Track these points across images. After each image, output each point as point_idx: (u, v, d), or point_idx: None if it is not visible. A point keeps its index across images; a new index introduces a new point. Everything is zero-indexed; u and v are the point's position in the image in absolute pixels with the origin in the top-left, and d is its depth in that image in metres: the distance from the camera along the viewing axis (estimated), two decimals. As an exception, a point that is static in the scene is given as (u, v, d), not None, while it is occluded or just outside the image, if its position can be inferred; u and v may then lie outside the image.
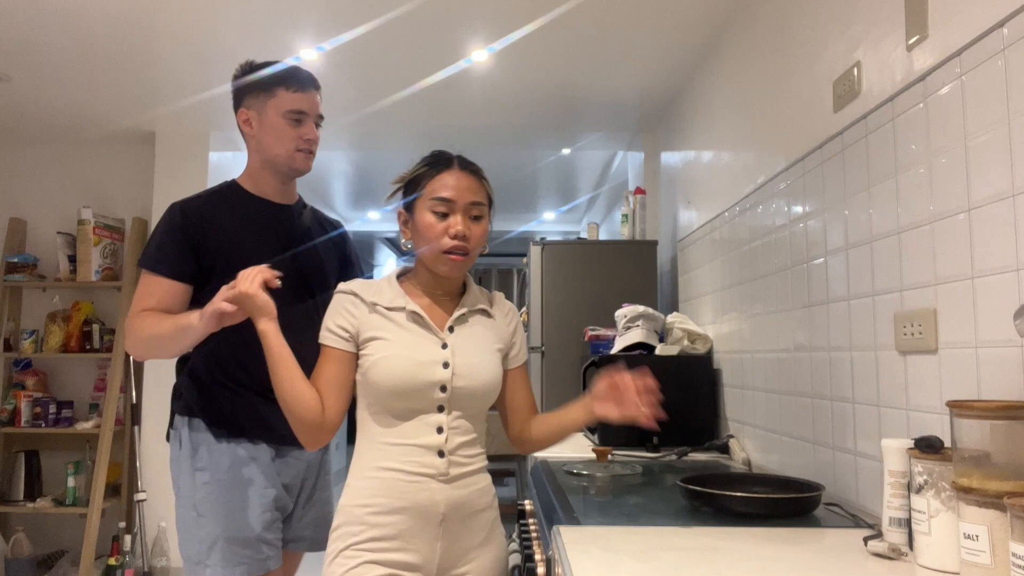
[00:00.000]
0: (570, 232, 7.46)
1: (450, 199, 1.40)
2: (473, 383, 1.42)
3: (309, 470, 1.83)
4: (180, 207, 1.75)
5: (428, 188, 1.42)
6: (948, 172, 1.34)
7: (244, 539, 1.67)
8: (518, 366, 1.55)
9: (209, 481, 1.69)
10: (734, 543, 1.30)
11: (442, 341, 1.42)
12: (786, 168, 2.06)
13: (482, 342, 1.47)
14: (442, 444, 1.39)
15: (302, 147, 1.76)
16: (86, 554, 3.58)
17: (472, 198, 1.42)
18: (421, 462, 1.38)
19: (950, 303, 1.33)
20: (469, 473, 1.42)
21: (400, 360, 1.38)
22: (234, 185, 1.82)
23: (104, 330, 4.03)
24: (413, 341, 1.41)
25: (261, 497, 1.70)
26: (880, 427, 1.56)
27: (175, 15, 2.67)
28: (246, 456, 1.71)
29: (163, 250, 1.70)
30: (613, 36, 2.84)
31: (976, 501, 1.03)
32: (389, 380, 1.37)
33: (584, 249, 3.52)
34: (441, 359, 1.40)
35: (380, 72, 3.19)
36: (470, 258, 1.44)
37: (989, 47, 1.24)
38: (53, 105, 3.62)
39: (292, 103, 1.74)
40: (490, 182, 1.51)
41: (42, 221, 4.23)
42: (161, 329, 1.61)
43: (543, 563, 1.54)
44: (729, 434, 2.53)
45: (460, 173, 1.43)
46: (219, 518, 1.67)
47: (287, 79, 1.75)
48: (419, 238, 1.44)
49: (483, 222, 1.45)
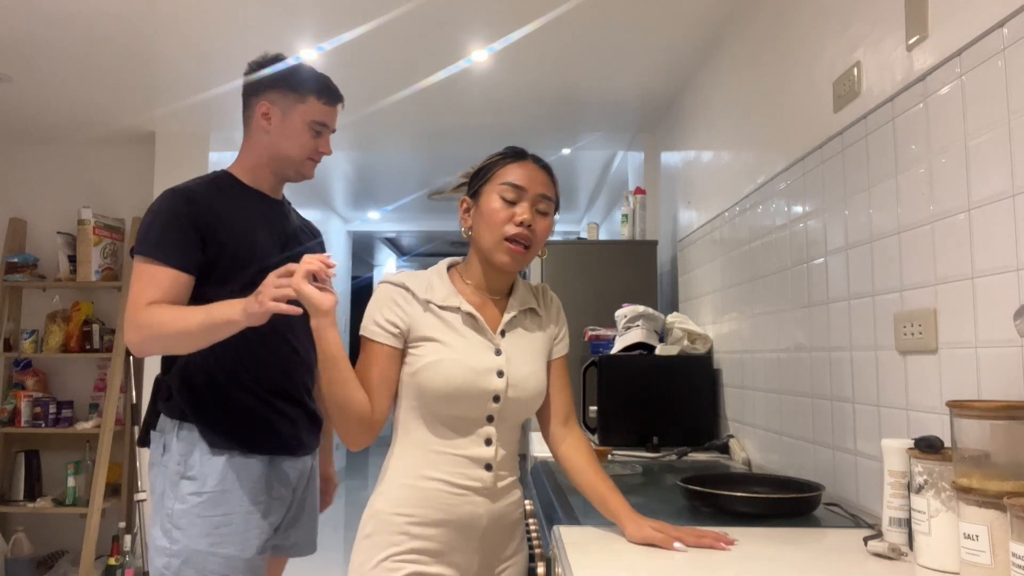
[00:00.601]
0: (570, 232, 7.47)
1: (521, 186, 1.36)
2: (525, 393, 1.37)
3: (300, 478, 1.77)
4: (184, 194, 1.62)
5: (499, 174, 1.38)
6: (948, 172, 1.34)
7: (223, 557, 1.58)
8: (558, 357, 1.48)
9: (195, 492, 1.59)
10: (736, 543, 1.30)
11: (496, 347, 1.37)
12: (786, 168, 2.06)
13: (533, 348, 1.42)
14: (491, 457, 1.35)
15: (315, 157, 1.76)
16: (86, 554, 3.58)
17: (542, 190, 1.38)
18: (468, 475, 1.33)
19: (950, 303, 1.33)
20: (510, 486, 1.40)
21: (455, 366, 1.32)
22: (230, 176, 1.74)
23: (104, 330, 4.03)
24: (468, 346, 1.35)
25: (246, 516, 1.61)
26: (880, 427, 1.56)
27: (175, 15, 2.67)
28: (236, 470, 1.62)
29: (168, 237, 1.57)
30: (613, 36, 2.84)
31: (976, 501, 1.03)
32: (443, 386, 1.31)
33: (584, 249, 3.52)
34: (496, 367, 1.35)
35: (380, 72, 3.19)
36: (530, 252, 1.38)
37: (989, 47, 1.24)
38: (53, 105, 3.62)
39: (320, 115, 1.73)
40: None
41: (42, 221, 4.23)
42: (189, 324, 1.47)
43: (543, 563, 1.54)
44: (729, 434, 2.53)
45: (533, 166, 1.40)
46: (196, 534, 1.57)
47: (322, 91, 1.75)
48: (482, 224, 1.37)
49: (548, 219, 1.40)
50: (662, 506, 1.63)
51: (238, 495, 1.61)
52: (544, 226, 1.38)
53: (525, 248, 1.36)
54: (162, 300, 1.54)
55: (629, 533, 1.31)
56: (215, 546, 1.58)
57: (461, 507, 1.33)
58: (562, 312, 1.51)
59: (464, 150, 4.26)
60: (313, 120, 1.73)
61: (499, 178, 1.37)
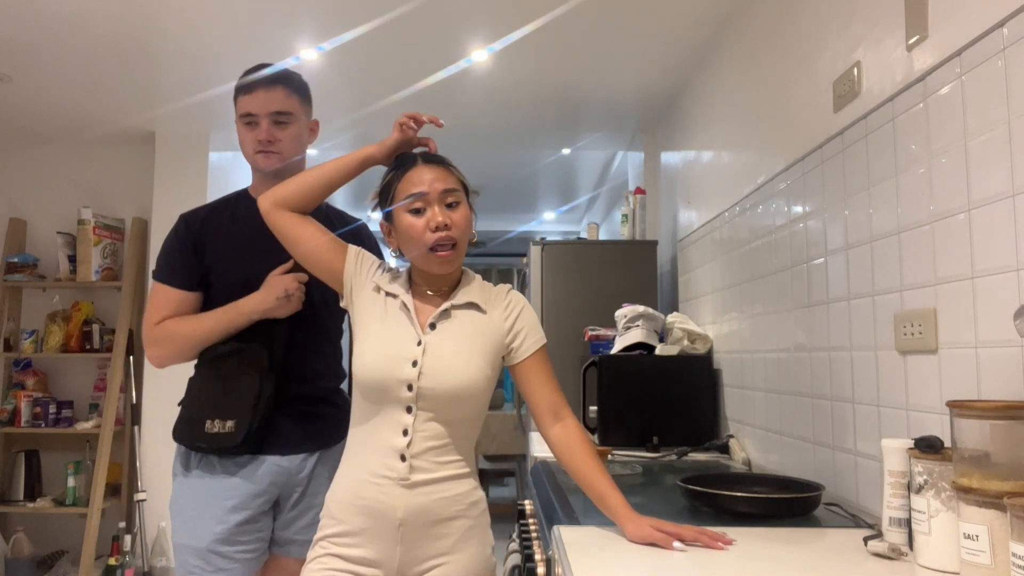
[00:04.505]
0: (570, 232, 7.46)
1: (422, 192, 1.39)
2: (442, 384, 1.36)
3: (292, 476, 1.73)
4: (184, 217, 1.78)
5: (399, 191, 1.42)
6: (948, 172, 1.34)
7: (194, 549, 1.64)
8: (526, 358, 1.45)
9: (178, 485, 1.70)
10: (735, 543, 1.30)
11: (419, 337, 1.39)
12: (786, 168, 2.06)
13: (464, 341, 1.41)
14: (404, 448, 1.36)
15: (259, 148, 1.74)
16: (86, 554, 3.58)
17: (443, 186, 1.40)
18: (384, 463, 1.36)
19: (950, 303, 1.33)
20: (436, 480, 1.37)
21: (373, 353, 1.38)
22: (243, 192, 1.85)
23: (104, 330, 4.03)
24: (391, 333, 1.40)
25: (216, 508, 1.66)
26: (880, 427, 1.56)
27: (175, 15, 2.67)
28: (210, 463, 1.69)
29: (171, 261, 1.74)
30: (613, 36, 2.84)
31: (976, 501, 1.03)
32: (360, 369, 1.38)
33: (584, 249, 3.52)
34: (412, 357, 1.37)
35: (380, 72, 3.19)
36: (459, 247, 1.41)
37: (989, 47, 1.24)
38: (53, 105, 3.62)
39: (243, 107, 1.73)
40: (461, 170, 1.47)
41: (42, 221, 4.23)
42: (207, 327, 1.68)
43: (543, 563, 1.54)
44: (729, 434, 2.53)
45: (425, 167, 1.42)
46: (178, 525, 1.68)
47: (241, 84, 1.74)
48: (404, 242, 1.42)
49: (462, 208, 1.42)
50: (662, 506, 1.63)
51: (208, 487, 1.68)
52: (460, 216, 1.41)
53: (452, 247, 1.40)
54: (171, 316, 1.71)
55: (629, 532, 1.31)
56: (188, 538, 1.67)
57: (376, 495, 1.36)
58: (526, 313, 1.48)
59: (464, 150, 4.26)
60: (240, 115, 1.74)
61: (400, 194, 1.42)
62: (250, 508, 1.68)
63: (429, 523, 1.36)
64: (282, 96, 1.73)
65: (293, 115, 1.75)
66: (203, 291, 1.75)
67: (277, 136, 1.73)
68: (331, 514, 1.41)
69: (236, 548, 1.67)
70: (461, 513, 1.39)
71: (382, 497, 1.35)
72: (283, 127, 1.74)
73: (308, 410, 1.77)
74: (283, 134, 1.74)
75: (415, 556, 1.37)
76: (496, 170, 5.09)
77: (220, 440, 1.64)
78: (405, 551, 1.36)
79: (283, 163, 1.76)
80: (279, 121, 1.73)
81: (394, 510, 1.35)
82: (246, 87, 1.73)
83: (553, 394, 1.46)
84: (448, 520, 1.38)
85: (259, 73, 1.74)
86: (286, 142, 1.74)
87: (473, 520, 1.41)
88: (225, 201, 1.83)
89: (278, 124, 1.73)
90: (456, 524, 1.39)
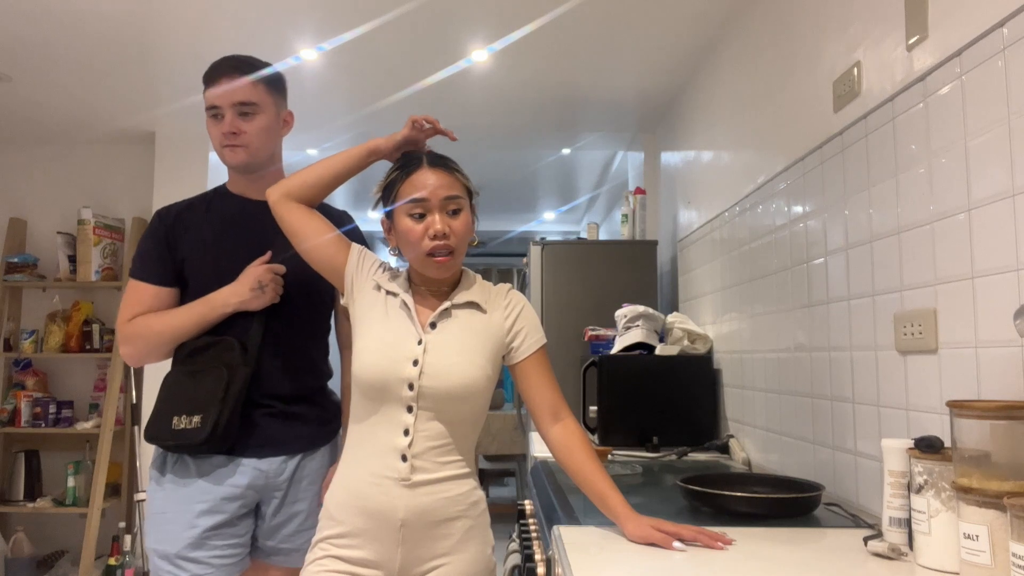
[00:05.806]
0: (570, 232, 7.47)
1: (423, 198, 1.38)
2: (443, 383, 1.36)
3: (271, 480, 1.67)
4: (159, 212, 1.74)
5: (401, 192, 1.40)
6: (948, 172, 1.34)
7: (164, 554, 1.60)
8: (526, 357, 1.45)
9: (152, 489, 1.66)
10: (734, 543, 1.30)
11: (419, 336, 1.39)
12: (786, 168, 2.06)
13: (465, 341, 1.40)
14: (405, 448, 1.35)
15: (225, 143, 1.67)
16: (86, 554, 3.58)
17: (446, 193, 1.39)
18: (384, 463, 1.36)
19: (950, 303, 1.33)
20: (437, 480, 1.37)
21: (374, 352, 1.38)
22: (221, 187, 1.81)
23: (104, 330, 4.03)
24: (392, 332, 1.39)
25: (187, 512, 1.60)
26: (880, 427, 1.56)
27: (175, 15, 2.67)
28: (185, 465, 1.64)
29: (145, 257, 1.71)
30: (613, 36, 2.84)
31: (976, 501, 1.03)
32: (361, 370, 1.38)
33: (584, 249, 3.52)
34: (413, 356, 1.37)
35: (380, 72, 3.19)
36: (456, 256, 1.40)
37: (989, 47, 1.24)
38: (53, 105, 3.62)
39: (208, 99, 1.67)
40: (465, 173, 1.46)
41: (42, 221, 4.23)
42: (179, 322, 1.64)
43: (543, 563, 1.54)
44: (729, 434, 2.53)
45: (429, 171, 1.40)
46: (150, 529, 1.64)
47: (205, 79, 1.68)
48: (403, 243, 1.42)
49: (463, 215, 1.41)
50: (662, 506, 1.63)
51: (176, 491, 1.63)
52: (460, 224, 1.40)
53: (448, 254, 1.39)
54: (144, 313, 1.67)
55: (628, 532, 1.31)
56: (157, 543, 1.62)
57: (377, 496, 1.35)
58: (527, 312, 1.48)
59: (464, 150, 4.25)
60: (207, 108, 1.68)
61: (402, 196, 1.40)
62: (224, 512, 1.61)
63: (431, 523, 1.36)
64: (246, 86, 1.66)
65: (258, 106, 1.68)
66: (179, 288, 1.70)
67: (242, 128, 1.66)
68: (330, 515, 1.40)
69: (211, 553, 1.60)
70: (462, 513, 1.39)
71: (383, 498, 1.35)
72: (248, 119, 1.67)
73: (288, 410, 1.70)
74: (248, 126, 1.66)
75: (416, 557, 1.36)
76: (496, 170, 5.09)
77: (186, 436, 1.57)
78: (406, 552, 1.36)
79: (251, 157, 1.69)
80: (244, 112, 1.66)
81: (395, 510, 1.34)
82: (209, 77, 1.67)
83: (553, 394, 1.46)
84: (449, 520, 1.38)
85: (213, 63, 1.68)
86: (252, 134, 1.67)
87: (474, 520, 1.41)
88: (202, 197, 1.79)
89: (243, 116, 1.66)
90: (457, 524, 1.38)
